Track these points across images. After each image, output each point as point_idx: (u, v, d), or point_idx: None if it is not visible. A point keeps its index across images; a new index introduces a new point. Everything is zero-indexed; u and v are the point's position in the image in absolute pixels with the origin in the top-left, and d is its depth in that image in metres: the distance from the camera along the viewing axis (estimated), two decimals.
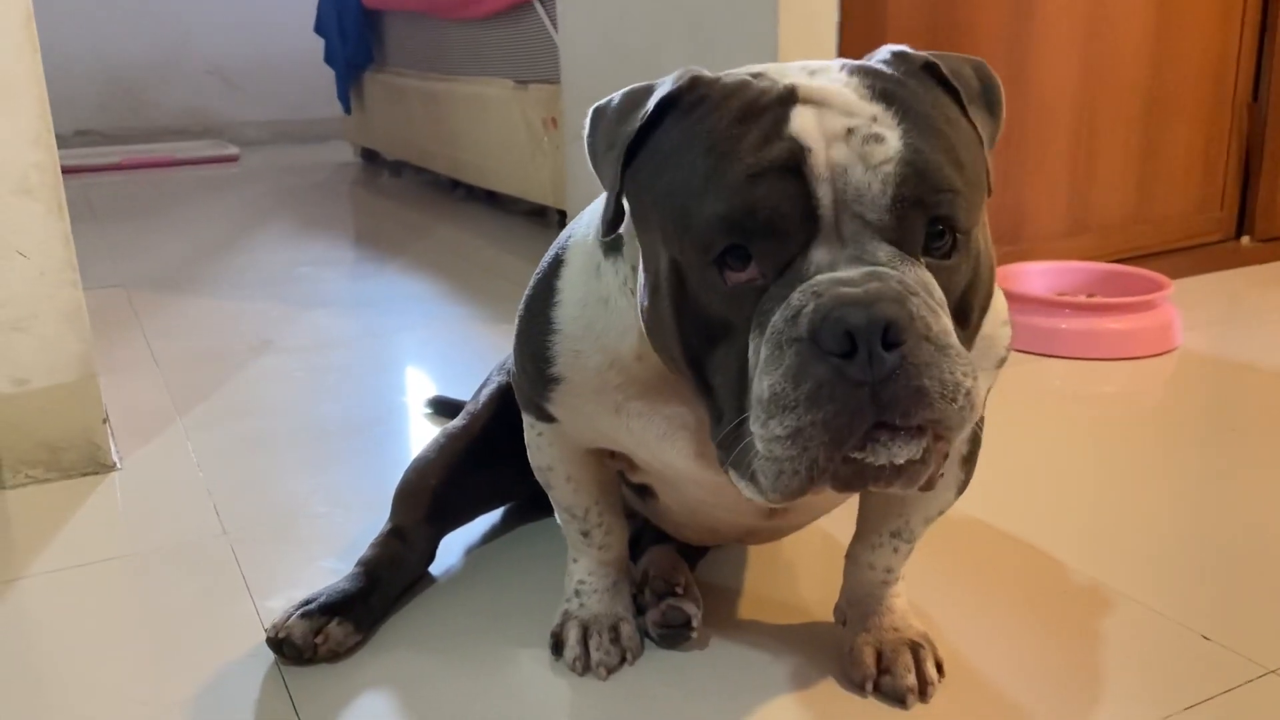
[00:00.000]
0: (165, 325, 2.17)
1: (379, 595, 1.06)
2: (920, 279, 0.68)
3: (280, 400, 1.74)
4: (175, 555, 1.21)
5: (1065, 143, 2.24)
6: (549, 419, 0.93)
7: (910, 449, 0.66)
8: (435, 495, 1.14)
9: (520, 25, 3.07)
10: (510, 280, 2.53)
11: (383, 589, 1.07)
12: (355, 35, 4.24)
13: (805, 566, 1.17)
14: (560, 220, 2.97)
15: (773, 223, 0.67)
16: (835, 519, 1.10)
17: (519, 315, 0.91)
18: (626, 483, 1.04)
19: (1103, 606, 1.08)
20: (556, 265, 0.88)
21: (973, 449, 0.94)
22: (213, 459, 1.49)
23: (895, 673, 0.93)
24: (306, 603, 1.01)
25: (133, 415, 1.64)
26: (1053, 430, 1.58)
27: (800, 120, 0.68)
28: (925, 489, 0.72)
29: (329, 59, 4.42)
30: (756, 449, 0.68)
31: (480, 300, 2.37)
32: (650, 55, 2.19)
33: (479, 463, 1.16)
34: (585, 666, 0.97)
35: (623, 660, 0.98)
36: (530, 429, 0.97)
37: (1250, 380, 1.77)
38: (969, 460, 0.94)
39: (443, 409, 1.62)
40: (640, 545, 1.11)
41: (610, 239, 0.82)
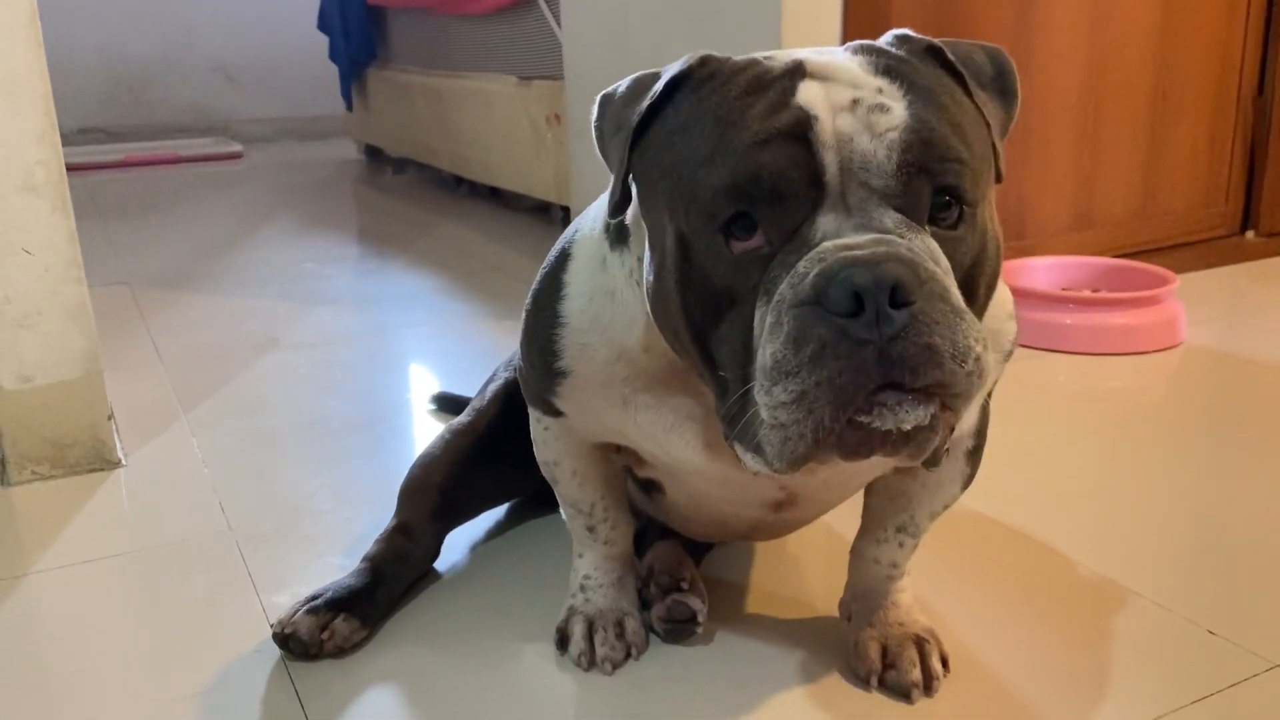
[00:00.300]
0: (170, 322, 2.17)
1: (384, 591, 1.06)
2: (927, 246, 0.67)
3: (285, 397, 1.75)
4: (180, 551, 1.22)
5: (1070, 137, 2.24)
6: (555, 413, 0.93)
7: (918, 414, 0.65)
8: (440, 491, 1.14)
9: (523, 21, 3.07)
10: (514, 277, 2.53)
11: (388, 585, 1.07)
12: (358, 32, 4.24)
13: (810, 561, 1.17)
14: (564, 216, 2.97)
15: (778, 188, 0.67)
16: (841, 514, 1.10)
17: (525, 310, 0.91)
18: (634, 480, 1.04)
19: (1108, 601, 1.08)
20: (563, 259, 0.88)
21: (978, 443, 0.94)
22: (218, 455, 1.49)
23: (900, 667, 0.93)
24: (312, 598, 1.02)
25: (138, 412, 1.64)
26: (1057, 425, 1.58)
27: (807, 92, 0.68)
28: (931, 464, 0.72)
29: (332, 56, 4.42)
30: (761, 418, 0.67)
31: (484, 297, 2.37)
32: (654, 51, 2.19)
33: (484, 459, 1.16)
34: (590, 662, 0.97)
35: (628, 655, 0.98)
36: (536, 423, 0.97)
37: (1255, 375, 1.76)
38: (974, 455, 0.94)
39: (447, 405, 1.62)
40: (645, 540, 1.12)
41: (616, 231, 0.82)
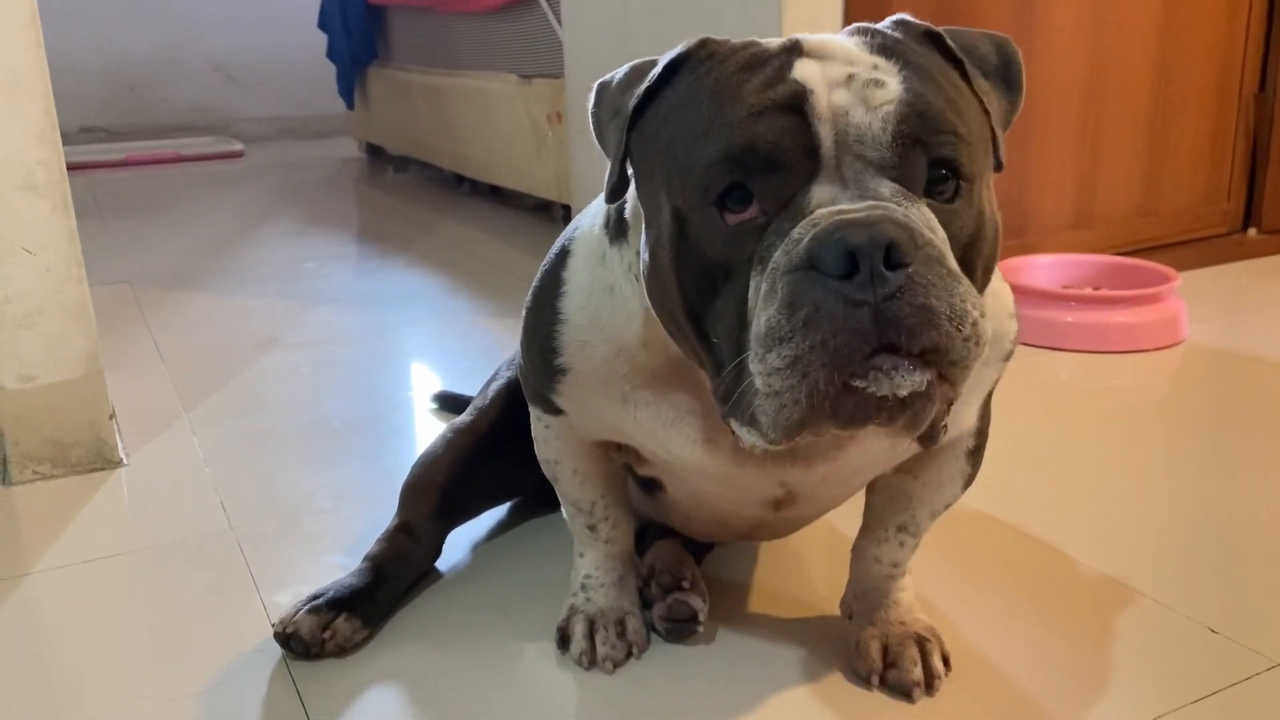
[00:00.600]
0: (171, 321, 2.17)
1: (386, 590, 1.06)
2: (923, 215, 0.67)
3: (286, 396, 1.75)
4: (182, 551, 1.22)
5: (1071, 135, 2.23)
6: (556, 411, 0.93)
7: (914, 379, 0.64)
8: (442, 490, 1.14)
9: (524, 20, 3.06)
10: (515, 275, 2.52)
11: (390, 584, 1.07)
12: (359, 30, 4.24)
13: (812, 561, 1.17)
14: (565, 215, 2.97)
15: (773, 157, 0.67)
16: (842, 514, 1.10)
17: (526, 307, 0.91)
18: (635, 480, 1.04)
19: (1109, 600, 1.07)
20: (563, 256, 0.88)
21: (979, 443, 0.94)
22: (219, 455, 1.49)
23: (901, 666, 0.93)
24: (314, 598, 1.02)
25: (139, 411, 1.64)
26: (1059, 423, 1.58)
27: (804, 68, 0.69)
28: (928, 441, 0.71)
29: (332, 54, 4.42)
30: (756, 388, 0.66)
31: (485, 295, 2.37)
32: (655, 49, 2.17)
33: (486, 458, 1.16)
34: (591, 661, 0.97)
35: (629, 654, 0.98)
36: (537, 422, 0.97)
37: (1257, 373, 1.76)
38: (975, 454, 0.94)
39: (448, 404, 1.62)
40: (647, 539, 1.12)
41: (616, 226, 0.83)
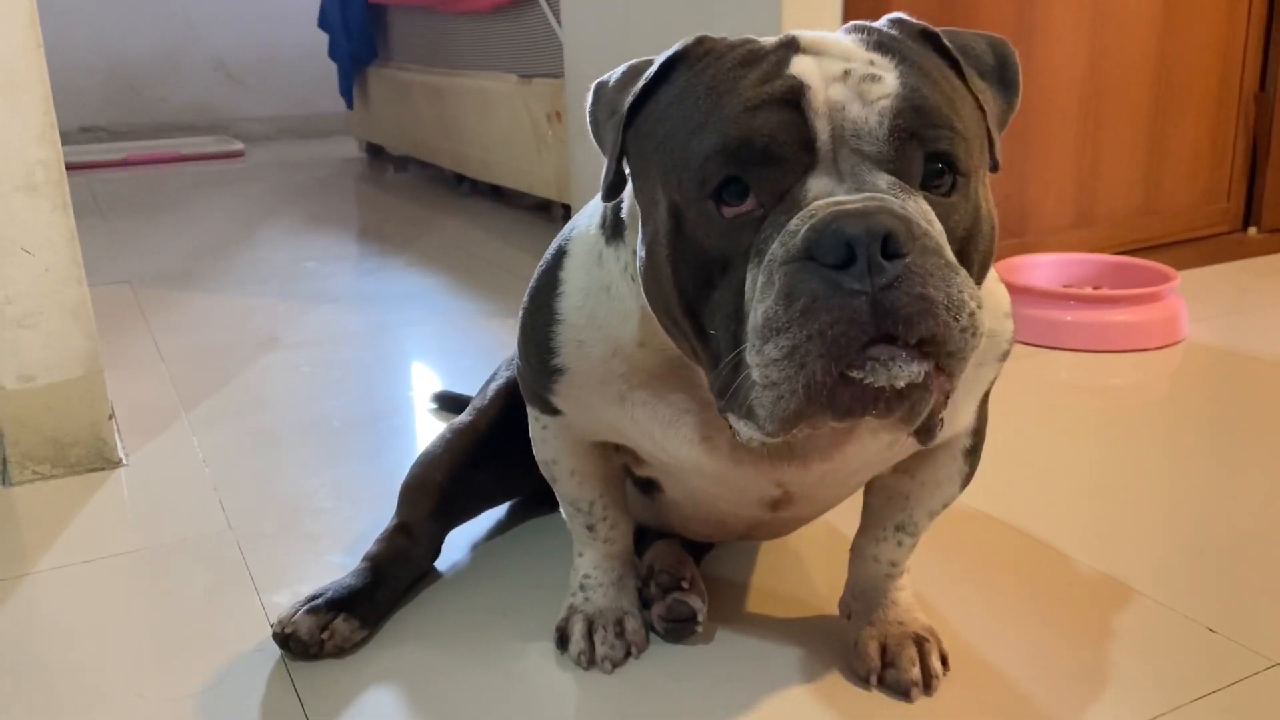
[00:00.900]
0: (171, 321, 2.17)
1: (385, 590, 1.06)
2: (920, 207, 0.67)
3: (286, 396, 1.75)
4: (181, 551, 1.22)
5: (1071, 134, 2.23)
6: (553, 411, 0.93)
7: (911, 370, 0.64)
8: (441, 490, 1.14)
9: (524, 19, 3.06)
10: (515, 275, 2.52)
11: (389, 584, 1.07)
12: (359, 30, 4.24)
13: (810, 560, 1.17)
14: (565, 214, 2.97)
15: (770, 150, 0.67)
16: (840, 513, 1.10)
17: (523, 307, 0.91)
18: (633, 480, 1.04)
19: (1108, 599, 1.07)
20: (559, 256, 0.88)
21: (976, 442, 0.94)
22: (219, 454, 1.49)
23: (900, 666, 0.93)
24: (313, 598, 1.02)
25: (139, 411, 1.64)
26: (1059, 423, 1.58)
27: (800, 64, 0.69)
28: (924, 436, 0.71)
29: (333, 54, 4.42)
30: (753, 381, 0.66)
31: (485, 295, 2.37)
32: (654, 49, 2.17)
33: (485, 458, 1.16)
34: (590, 661, 0.97)
35: (628, 654, 0.98)
36: (535, 422, 0.97)
37: (1257, 372, 1.76)
38: (972, 454, 0.94)
39: (448, 404, 1.62)
40: (646, 539, 1.12)
41: (613, 226, 0.83)
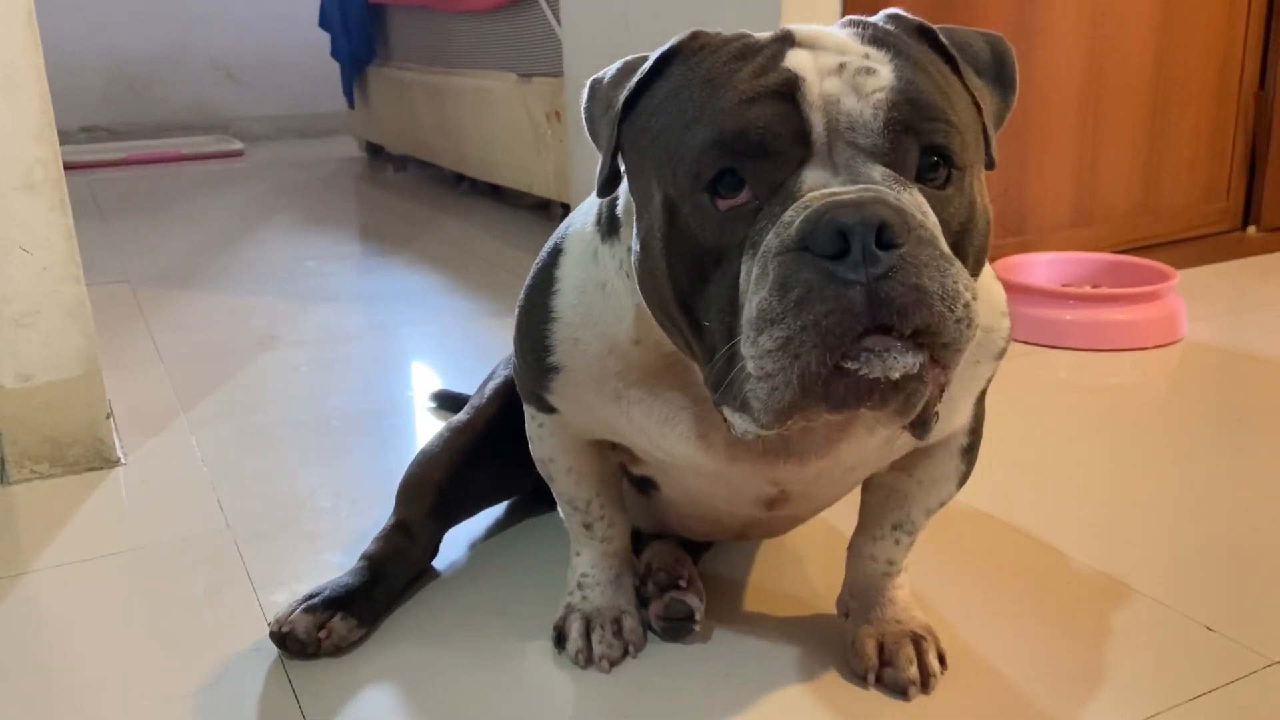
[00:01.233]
0: (170, 320, 2.17)
1: (383, 589, 1.06)
2: (915, 199, 0.67)
3: (284, 395, 1.75)
4: (179, 550, 1.22)
5: (1070, 133, 2.23)
6: (549, 409, 0.93)
7: (906, 361, 0.64)
8: (439, 489, 1.14)
9: (523, 18, 3.06)
10: (514, 274, 2.52)
11: (386, 583, 1.07)
12: (359, 30, 4.24)
13: (808, 559, 1.17)
14: (564, 213, 2.94)
15: (764, 142, 0.67)
16: (838, 511, 1.10)
17: (519, 305, 0.91)
18: (629, 480, 1.04)
19: (1106, 598, 1.07)
20: (555, 254, 0.88)
21: (973, 440, 0.94)
22: (217, 454, 1.49)
23: (897, 665, 0.93)
24: (310, 597, 1.02)
25: (137, 410, 1.64)
26: (1057, 421, 1.58)
27: (795, 58, 0.69)
28: (919, 430, 0.71)
29: (333, 54, 4.42)
30: (748, 373, 0.66)
31: (484, 294, 2.37)
32: (653, 47, 2.18)
33: (483, 457, 1.16)
34: (588, 659, 0.97)
35: (625, 653, 0.98)
36: (531, 420, 0.97)
37: (1256, 370, 1.76)
38: (969, 452, 0.94)
39: (447, 403, 1.62)
40: (643, 538, 1.11)
41: (608, 224, 0.83)
